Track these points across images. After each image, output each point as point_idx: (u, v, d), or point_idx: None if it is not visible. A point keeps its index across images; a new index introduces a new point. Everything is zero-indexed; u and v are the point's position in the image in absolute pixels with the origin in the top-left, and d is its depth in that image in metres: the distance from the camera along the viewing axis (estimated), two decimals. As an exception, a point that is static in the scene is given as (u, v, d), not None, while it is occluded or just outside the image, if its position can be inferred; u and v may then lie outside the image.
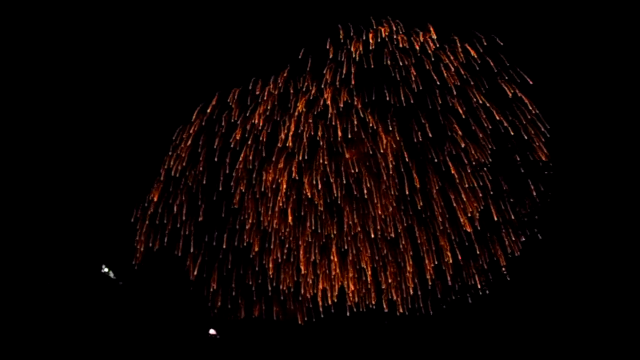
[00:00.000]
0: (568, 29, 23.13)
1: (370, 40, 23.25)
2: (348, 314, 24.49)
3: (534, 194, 21.63)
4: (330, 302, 24.49)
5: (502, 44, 23.35)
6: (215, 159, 23.99)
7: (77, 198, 22.03)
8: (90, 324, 21.07)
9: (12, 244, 19.60)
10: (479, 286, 22.51)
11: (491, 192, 23.29)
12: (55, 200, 21.41)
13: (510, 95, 23.17)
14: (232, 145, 23.89)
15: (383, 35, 23.33)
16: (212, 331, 24.30)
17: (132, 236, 23.51)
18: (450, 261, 23.72)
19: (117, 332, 21.35)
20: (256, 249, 24.21)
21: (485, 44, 23.31)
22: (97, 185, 22.59)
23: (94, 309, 21.49)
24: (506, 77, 23.08)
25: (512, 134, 23.22)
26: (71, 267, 21.44)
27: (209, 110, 23.73)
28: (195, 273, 24.11)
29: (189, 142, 23.81)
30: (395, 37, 23.40)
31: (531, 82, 22.96)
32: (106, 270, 22.92)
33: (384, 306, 24.33)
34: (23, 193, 20.53)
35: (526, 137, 22.98)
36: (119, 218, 23.23)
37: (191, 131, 23.80)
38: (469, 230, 23.46)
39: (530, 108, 23.11)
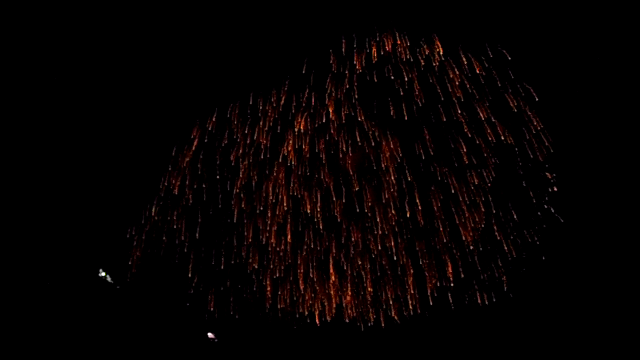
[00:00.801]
0: (576, 42, 22.73)
1: (374, 53, 23.20)
2: (345, 329, 24.16)
3: (534, 201, 21.23)
4: (328, 318, 24.20)
5: (510, 58, 23.07)
6: (217, 177, 24.03)
7: (77, 202, 22.53)
8: (87, 328, 21.35)
9: (11, 242, 20.18)
10: (479, 300, 22.21)
11: (494, 211, 22.87)
12: (56, 204, 21.95)
13: (515, 109, 22.78)
14: (232, 161, 23.94)
15: (387, 47, 23.26)
16: (210, 334, 24.28)
17: (131, 241, 23.68)
18: (452, 279, 23.24)
19: (114, 335, 21.57)
20: (255, 266, 24.10)
21: (491, 55, 23.07)
22: (97, 190, 23.03)
23: (91, 313, 21.79)
24: (510, 90, 22.72)
25: (517, 150, 22.84)
26: (68, 271, 21.85)
27: (209, 128, 23.85)
28: (195, 280, 24.14)
29: (188, 158, 23.95)
30: (399, 49, 23.31)
31: (537, 99, 22.58)
32: (103, 274, 23.22)
33: (382, 323, 23.96)
34: (24, 196, 21.15)
35: (530, 152, 22.52)
36: (117, 223, 23.52)
37: (192, 147, 23.96)
38: (471, 247, 22.99)
39: (535, 123, 22.63)
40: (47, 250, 21.74)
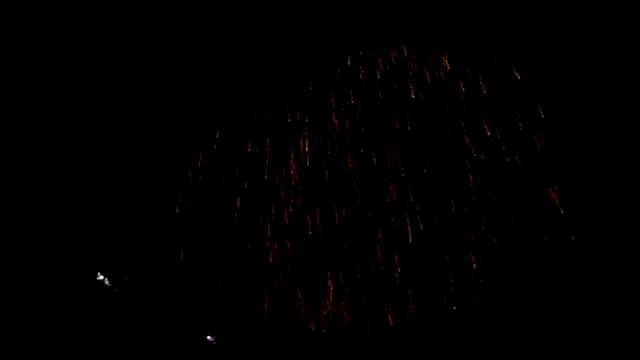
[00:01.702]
0: (586, 58, 22.58)
1: (380, 66, 23.12)
2: (342, 337, 24.30)
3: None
4: (325, 325, 24.32)
5: (519, 77, 22.96)
6: (220, 185, 24.05)
7: (79, 208, 22.80)
8: (85, 331, 21.60)
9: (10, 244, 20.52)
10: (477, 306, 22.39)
11: (495, 219, 22.88)
12: (56, 207, 22.24)
13: (521, 127, 22.72)
14: (236, 177, 24.01)
15: (393, 61, 23.17)
16: (209, 337, 24.47)
17: (130, 245, 23.87)
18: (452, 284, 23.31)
19: (113, 338, 21.83)
20: (254, 275, 24.19)
21: (497, 64, 22.96)
22: (100, 197, 23.25)
23: (89, 316, 22.05)
24: (514, 104, 22.66)
25: (522, 168, 22.81)
26: (67, 274, 22.13)
27: (214, 147, 23.88)
28: (194, 287, 24.32)
29: (191, 172, 24.04)
30: (405, 63, 23.21)
31: (543, 116, 22.49)
32: (101, 277, 23.44)
33: (379, 331, 24.04)
34: (28, 201, 21.48)
35: (534, 167, 22.51)
36: (117, 228, 23.73)
37: (198, 163, 24.02)
38: (474, 266, 23.02)
39: (541, 140, 22.59)
40: (47, 252, 22.05)
